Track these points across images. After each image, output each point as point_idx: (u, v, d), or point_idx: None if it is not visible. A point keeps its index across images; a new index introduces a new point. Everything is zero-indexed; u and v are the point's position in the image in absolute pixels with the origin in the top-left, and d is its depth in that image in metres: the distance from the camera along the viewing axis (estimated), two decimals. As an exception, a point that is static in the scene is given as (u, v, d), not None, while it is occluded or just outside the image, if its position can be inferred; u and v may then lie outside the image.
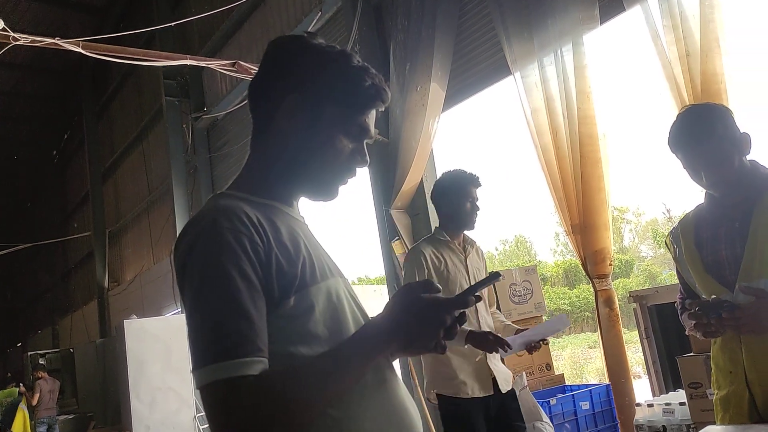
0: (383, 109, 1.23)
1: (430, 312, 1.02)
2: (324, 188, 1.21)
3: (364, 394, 1.07)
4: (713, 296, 1.81)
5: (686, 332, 1.90)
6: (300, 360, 1.03)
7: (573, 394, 4.08)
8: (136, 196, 12.21)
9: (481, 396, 2.70)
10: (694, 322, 1.80)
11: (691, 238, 1.96)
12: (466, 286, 2.25)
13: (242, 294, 0.98)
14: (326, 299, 1.09)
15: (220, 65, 6.57)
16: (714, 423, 1.91)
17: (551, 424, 3.42)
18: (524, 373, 3.73)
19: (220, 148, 9.29)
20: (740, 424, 1.76)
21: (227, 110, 8.72)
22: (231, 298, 0.97)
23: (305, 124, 1.16)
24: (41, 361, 11.60)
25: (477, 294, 1.07)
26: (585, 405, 4.02)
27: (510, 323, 2.96)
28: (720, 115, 1.88)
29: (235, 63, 6.37)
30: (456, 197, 2.84)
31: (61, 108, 16.23)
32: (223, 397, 0.93)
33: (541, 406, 3.55)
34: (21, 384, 11.98)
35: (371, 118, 1.21)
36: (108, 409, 9.71)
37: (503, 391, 2.75)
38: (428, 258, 2.80)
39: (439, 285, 1.06)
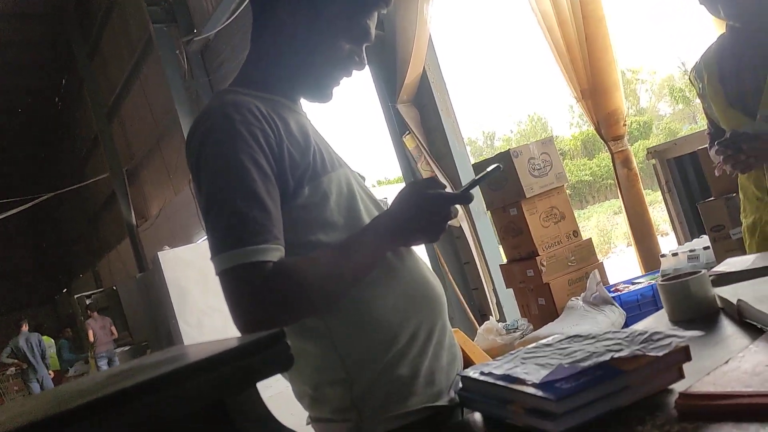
0: (385, 12, 1.19)
1: (435, 206, 1.06)
2: (319, 88, 1.19)
3: (385, 273, 1.11)
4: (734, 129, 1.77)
5: (715, 169, 1.85)
6: (318, 248, 1.06)
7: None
8: (144, 130, 12.16)
9: None
10: (721, 157, 1.77)
11: (714, 72, 1.89)
12: None
13: (257, 184, 0.99)
14: (338, 188, 1.11)
15: (200, -20, 6.32)
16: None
17: (623, 312, 3.39)
18: (596, 271, 3.70)
19: (216, 69, 9.10)
20: (765, 249, 1.78)
21: (217, 29, 8.45)
22: (247, 188, 0.98)
23: (306, 20, 1.13)
24: (88, 302, 12.11)
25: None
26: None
27: None
28: None
29: (215, -25, 6.12)
30: None
31: (52, 53, 15.91)
32: (244, 280, 0.95)
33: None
34: (68, 329, 12.62)
35: (373, 20, 1.17)
36: (160, 336, 10.20)
37: None
38: None
39: (443, 182, 1.10)
